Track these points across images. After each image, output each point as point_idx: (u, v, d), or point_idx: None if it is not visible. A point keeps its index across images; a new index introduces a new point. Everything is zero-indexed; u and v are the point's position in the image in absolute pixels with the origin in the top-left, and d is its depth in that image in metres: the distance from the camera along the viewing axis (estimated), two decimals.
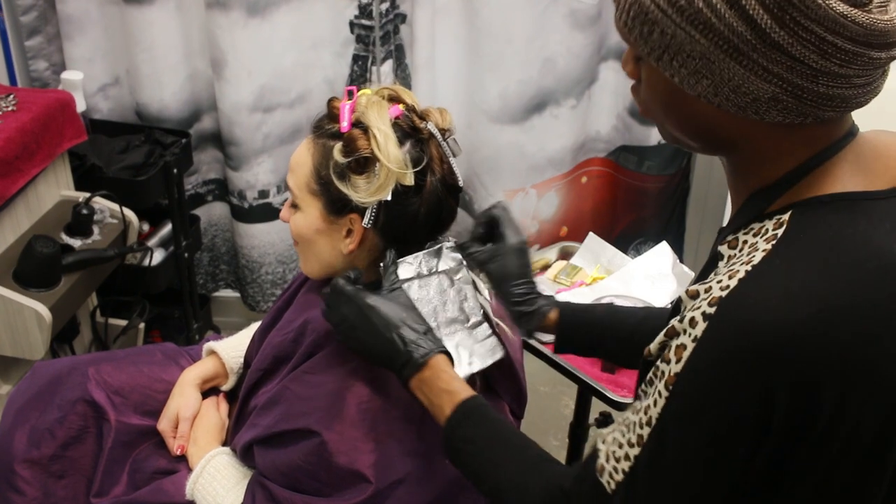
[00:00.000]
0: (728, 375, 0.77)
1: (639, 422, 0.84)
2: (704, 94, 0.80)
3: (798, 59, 0.76)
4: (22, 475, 1.35)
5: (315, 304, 1.27)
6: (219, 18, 2.20)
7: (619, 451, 0.86)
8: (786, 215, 0.82)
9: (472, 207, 2.51)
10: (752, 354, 0.76)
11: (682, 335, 0.80)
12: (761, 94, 0.78)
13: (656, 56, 0.81)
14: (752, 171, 0.86)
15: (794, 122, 0.80)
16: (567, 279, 1.87)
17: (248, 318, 2.48)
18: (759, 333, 0.75)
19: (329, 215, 1.19)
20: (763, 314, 0.76)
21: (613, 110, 2.44)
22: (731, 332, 0.77)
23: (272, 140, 2.38)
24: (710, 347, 0.78)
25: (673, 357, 0.81)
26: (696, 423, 0.80)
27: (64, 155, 2.03)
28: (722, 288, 0.79)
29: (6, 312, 1.75)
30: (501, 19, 2.22)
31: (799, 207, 0.82)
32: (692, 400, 0.79)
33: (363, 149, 1.13)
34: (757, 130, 0.83)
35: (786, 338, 0.75)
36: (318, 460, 1.15)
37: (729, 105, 0.80)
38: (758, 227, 0.84)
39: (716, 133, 0.85)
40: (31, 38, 2.27)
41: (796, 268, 0.78)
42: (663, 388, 0.81)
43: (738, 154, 0.87)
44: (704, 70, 0.79)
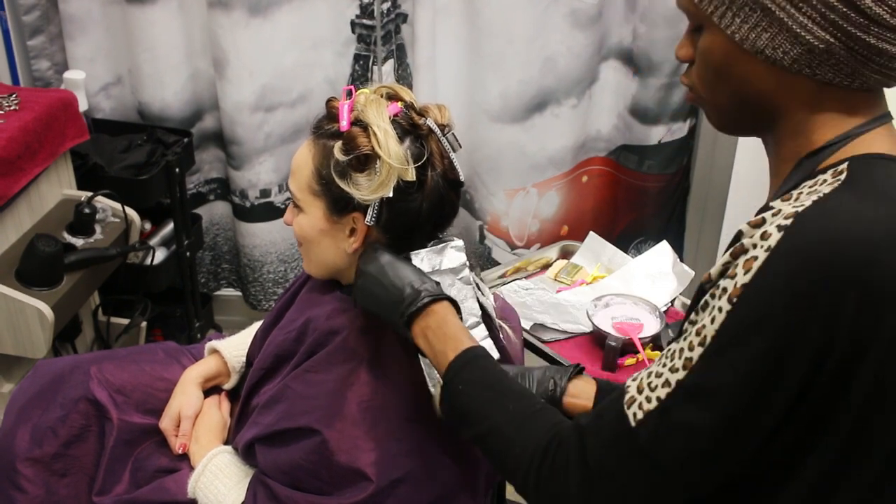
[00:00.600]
0: (801, 284, 0.77)
1: (688, 345, 0.82)
2: (763, 47, 0.84)
3: (853, 3, 0.79)
4: (24, 473, 1.36)
5: (317, 303, 1.28)
6: (220, 18, 2.20)
7: (657, 379, 0.83)
8: (843, 165, 0.84)
9: (472, 206, 2.51)
10: (829, 264, 0.76)
11: (753, 249, 0.80)
12: (817, 44, 0.81)
13: (720, 14, 0.85)
14: (798, 137, 0.88)
15: (842, 82, 0.84)
16: (567, 278, 1.87)
17: (250, 317, 2.49)
18: (840, 242, 0.77)
19: (332, 215, 1.20)
20: (846, 224, 0.77)
21: (614, 110, 2.44)
22: (811, 239, 0.78)
23: (274, 139, 2.39)
24: (786, 254, 0.78)
25: (741, 270, 0.80)
26: (759, 333, 0.78)
27: (66, 154, 2.04)
28: (795, 207, 0.80)
29: (8, 311, 1.75)
30: (502, 19, 2.22)
31: (855, 160, 0.84)
32: (759, 308, 0.78)
33: (363, 146, 1.13)
34: (807, 94, 0.86)
35: (866, 253, 0.77)
36: (320, 459, 1.15)
37: (785, 59, 0.83)
38: (813, 182, 0.85)
39: (767, 99, 0.87)
40: (34, 37, 2.27)
41: (867, 198, 0.80)
42: (725, 302, 0.80)
43: (786, 122, 0.89)
44: (765, 22, 0.83)
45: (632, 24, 2.32)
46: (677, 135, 2.45)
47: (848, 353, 0.78)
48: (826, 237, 0.77)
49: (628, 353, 1.61)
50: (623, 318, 1.67)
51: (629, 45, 2.35)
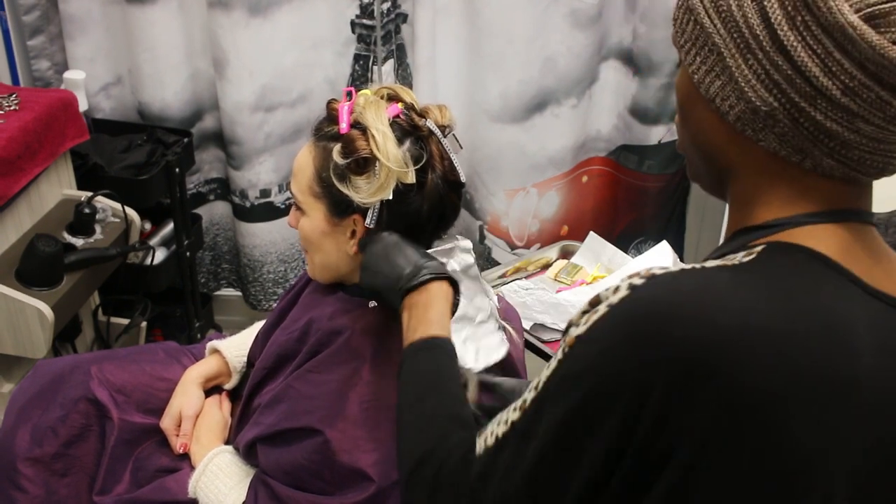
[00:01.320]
0: (623, 350, 0.72)
1: (529, 388, 0.81)
2: (714, 96, 0.78)
3: (800, 68, 0.72)
4: (25, 473, 1.36)
5: (320, 303, 1.28)
6: (220, 18, 2.20)
7: (503, 415, 0.83)
8: (758, 248, 0.77)
9: (473, 206, 2.51)
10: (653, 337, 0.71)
11: (603, 302, 0.76)
12: (760, 105, 0.74)
13: (686, 49, 0.80)
14: (744, 207, 0.82)
15: (790, 157, 0.76)
16: (568, 278, 1.87)
17: (250, 317, 2.49)
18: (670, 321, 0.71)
19: (333, 217, 1.20)
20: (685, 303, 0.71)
21: (614, 110, 2.44)
22: (648, 308, 0.72)
23: (274, 139, 2.39)
24: (620, 314, 0.74)
25: (583, 321, 0.77)
26: (577, 387, 0.75)
27: (66, 154, 2.04)
28: (661, 269, 0.75)
29: (8, 311, 1.75)
30: (502, 19, 2.22)
31: (775, 246, 0.77)
32: (581, 362, 0.75)
33: (362, 149, 1.13)
34: (756, 161, 0.79)
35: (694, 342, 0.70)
36: (322, 459, 1.15)
37: (731, 114, 0.77)
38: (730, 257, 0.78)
39: (718, 154, 0.82)
40: (34, 37, 2.27)
41: (742, 288, 0.73)
42: (560, 351, 0.78)
43: (735, 187, 0.83)
44: (718, 67, 0.76)
45: (632, 24, 2.32)
46: (677, 135, 2.45)
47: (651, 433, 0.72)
48: (661, 310, 0.71)
49: None
50: None
51: (629, 45, 2.35)
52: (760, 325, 0.71)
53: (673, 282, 0.74)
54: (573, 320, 0.80)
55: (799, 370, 0.71)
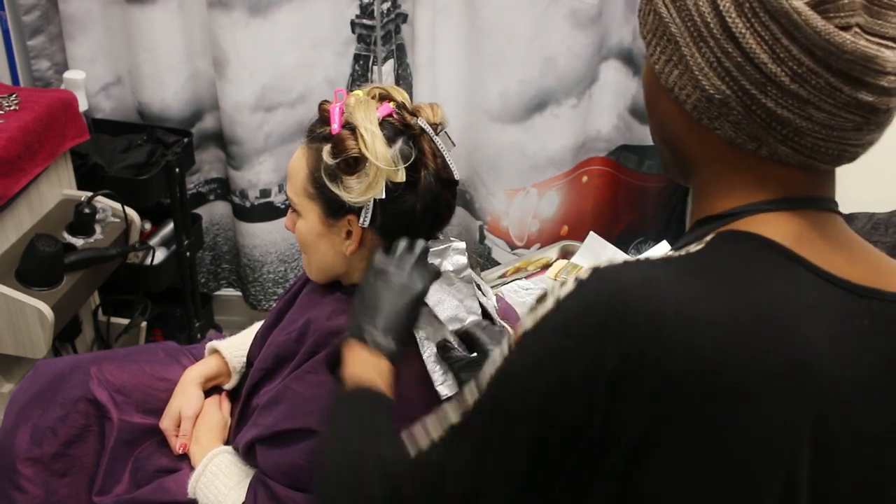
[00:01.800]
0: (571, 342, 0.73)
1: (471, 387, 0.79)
2: (672, 85, 0.78)
3: (749, 55, 0.72)
4: (24, 473, 1.36)
5: (318, 304, 1.28)
6: (220, 18, 2.20)
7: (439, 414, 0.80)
8: (708, 237, 0.77)
9: (473, 206, 2.51)
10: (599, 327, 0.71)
11: (549, 297, 0.76)
12: (714, 93, 0.75)
13: (648, 40, 0.80)
14: (704, 198, 0.82)
15: (746, 145, 0.77)
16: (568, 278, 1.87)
17: (250, 317, 2.49)
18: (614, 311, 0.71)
19: (327, 218, 1.20)
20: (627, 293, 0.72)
21: (614, 110, 2.44)
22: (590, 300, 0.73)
23: (274, 139, 2.39)
24: (567, 308, 0.74)
25: (529, 318, 0.76)
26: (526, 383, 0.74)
27: (66, 154, 2.04)
28: (607, 262, 0.76)
29: (8, 311, 1.75)
30: (502, 19, 2.22)
31: (725, 235, 0.77)
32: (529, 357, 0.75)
33: (351, 149, 1.13)
34: (713, 150, 0.79)
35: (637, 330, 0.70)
36: None
37: (688, 103, 0.77)
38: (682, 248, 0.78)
39: (679, 144, 0.82)
40: (34, 37, 2.27)
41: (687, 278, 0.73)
42: (506, 347, 0.77)
43: (696, 178, 0.83)
44: (675, 57, 0.77)
45: (632, 24, 2.32)
46: None
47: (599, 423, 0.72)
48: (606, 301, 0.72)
49: None
50: None
51: (629, 45, 2.35)
52: (699, 316, 0.71)
53: (616, 275, 0.74)
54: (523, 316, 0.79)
55: (739, 358, 0.71)
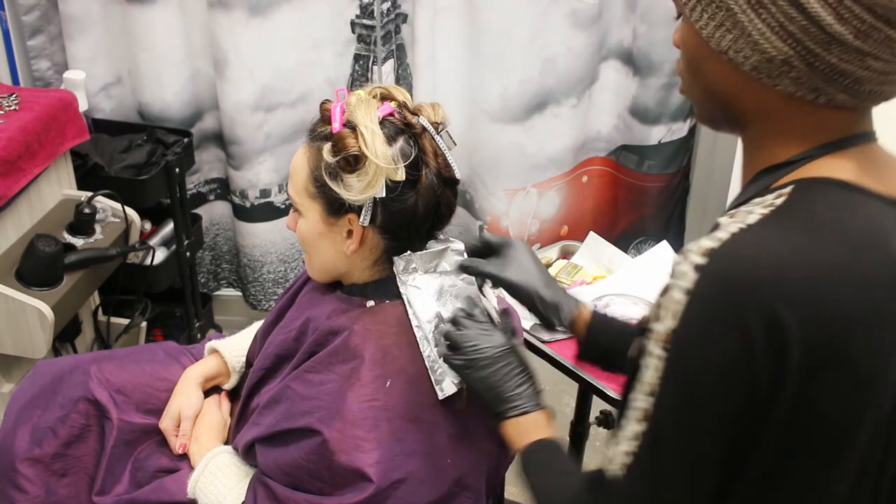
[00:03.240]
0: (718, 327, 0.77)
1: (641, 394, 0.83)
2: (727, 48, 0.81)
3: (813, 17, 0.76)
4: (24, 473, 1.36)
5: (318, 303, 1.28)
6: (220, 18, 2.21)
7: (625, 431, 0.85)
8: (787, 188, 0.82)
9: (473, 206, 2.51)
10: (737, 308, 0.76)
11: (674, 290, 0.80)
12: (776, 54, 0.79)
13: (691, 6, 0.83)
14: (762, 148, 0.87)
15: (805, 96, 0.81)
16: (568, 278, 1.87)
17: (250, 317, 2.49)
18: (746, 288, 0.76)
19: (328, 217, 1.20)
20: (753, 269, 0.76)
21: (614, 110, 2.44)
22: (720, 284, 0.77)
23: (274, 139, 2.39)
24: (702, 299, 0.78)
25: (667, 314, 0.80)
26: (695, 378, 0.79)
27: (66, 154, 2.04)
28: (712, 240, 0.79)
29: (8, 311, 1.75)
30: (502, 19, 2.22)
31: (802, 183, 0.82)
32: (689, 357, 0.79)
33: (351, 147, 1.14)
34: (771, 103, 0.84)
35: (771, 296, 0.75)
36: (320, 459, 1.15)
37: (746, 64, 0.81)
38: (759, 201, 0.83)
39: (734, 101, 0.86)
40: (34, 37, 2.27)
41: (790, 233, 0.78)
42: (659, 349, 0.81)
43: (752, 130, 0.87)
44: (728, 23, 0.80)
45: (632, 24, 2.32)
46: (677, 135, 2.45)
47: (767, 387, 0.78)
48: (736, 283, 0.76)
49: None
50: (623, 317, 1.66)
51: (629, 45, 2.35)
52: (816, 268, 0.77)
53: (733, 252, 0.78)
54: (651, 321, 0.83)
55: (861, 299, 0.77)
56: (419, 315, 1.20)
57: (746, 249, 0.78)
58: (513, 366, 1.14)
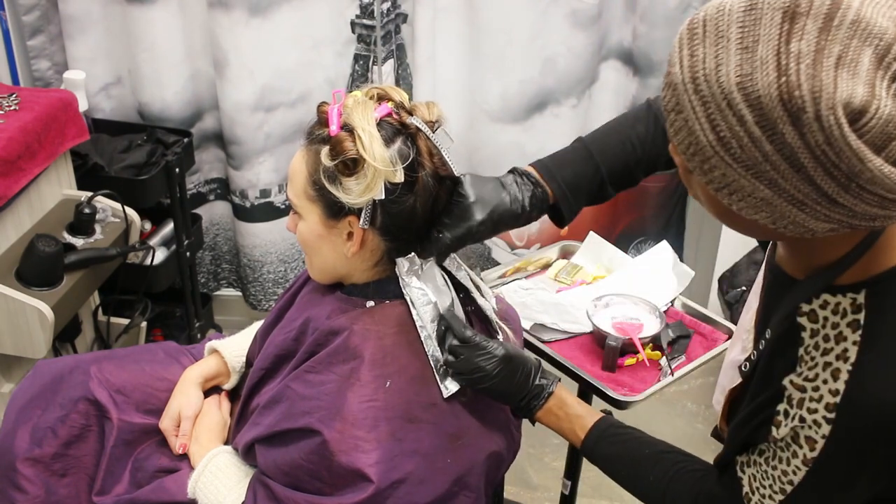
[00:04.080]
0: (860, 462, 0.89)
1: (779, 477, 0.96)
2: (763, 220, 0.84)
3: (860, 213, 0.80)
4: (24, 473, 1.36)
5: (318, 303, 1.28)
6: (220, 18, 2.21)
7: (764, 489, 0.98)
8: (860, 296, 0.88)
9: None
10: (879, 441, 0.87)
11: (808, 429, 0.91)
12: (820, 228, 0.82)
13: (714, 188, 0.84)
14: (812, 254, 0.92)
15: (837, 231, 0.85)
16: (568, 278, 1.87)
17: (250, 317, 2.49)
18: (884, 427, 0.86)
19: (328, 219, 1.20)
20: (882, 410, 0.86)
21: (614, 110, 2.44)
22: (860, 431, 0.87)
23: (274, 139, 2.39)
24: (843, 445, 0.89)
25: (805, 445, 0.92)
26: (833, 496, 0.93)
27: (66, 154, 2.04)
28: (832, 392, 0.88)
29: (8, 311, 1.75)
30: (502, 19, 2.22)
31: (871, 287, 0.88)
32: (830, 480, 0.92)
33: (349, 150, 1.13)
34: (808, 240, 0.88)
35: None
36: (320, 459, 1.15)
37: (785, 231, 0.84)
38: (833, 303, 0.90)
39: (772, 237, 0.94)
40: (34, 37, 2.27)
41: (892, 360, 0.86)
42: (800, 464, 0.93)
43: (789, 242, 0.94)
44: (764, 208, 0.82)
45: (632, 24, 2.32)
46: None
47: None
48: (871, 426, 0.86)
49: (628, 353, 1.61)
50: (623, 318, 1.67)
51: (629, 45, 2.35)
52: None
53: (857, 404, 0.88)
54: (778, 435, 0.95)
55: None
56: (423, 315, 1.21)
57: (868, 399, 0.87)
58: (517, 369, 1.23)
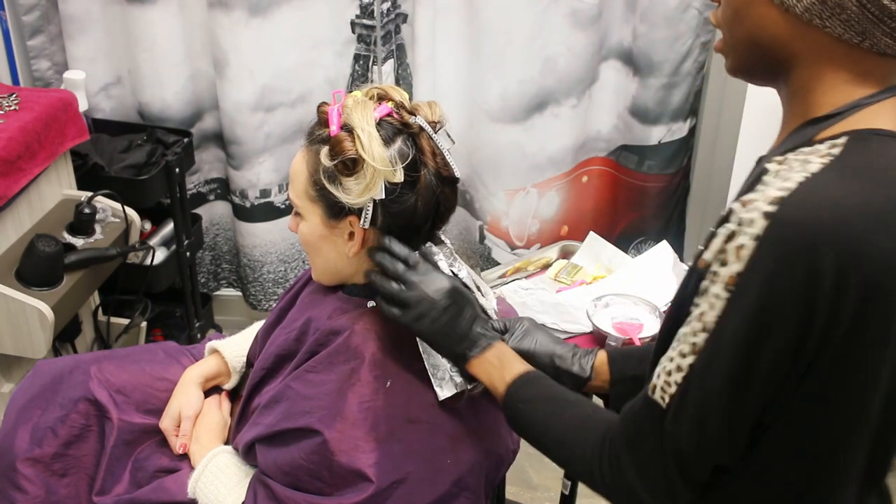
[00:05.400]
0: (787, 274, 0.81)
1: (691, 330, 0.87)
2: None
3: None
4: (24, 473, 1.36)
5: (319, 303, 1.28)
6: (220, 18, 2.21)
7: (671, 363, 0.89)
8: (841, 139, 0.85)
9: (473, 207, 2.51)
10: (810, 253, 0.80)
11: (741, 235, 0.83)
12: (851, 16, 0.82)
13: None
14: (806, 98, 0.90)
15: (852, 39, 0.84)
16: (568, 278, 1.87)
17: (250, 317, 2.49)
18: (822, 231, 0.79)
19: (329, 220, 1.20)
20: (822, 216, 0.80)
21: (614, 110, 2.44)
22: (793, 229, 0.80)
23: (274, 139, 2.39)
24: (772, 245, 0.81)
25: (732, 258, 0.83)
26: (754, 320, 0.83)
27: (66, 154, 2.04)
28: (780, 189, 0.82)
29: (8, 311, 1.75)
30: (502, 19, 2.22)
31: (855, 135, 0.85)
32: (752, 297, 0.82)
33: (348, 150, 1.13)
34: (818, 47, 0.87)
35: (847, 239, 0.79)
36: (320, 459, 1.15)
37: (798, 6, 0.84)
38: (809, 150, 0.86)
39: (780, 46, 0.89)
40: (34, 37, 2.27)
41: (852, 182, 0.82)
42: (722, 290, 0.84)
43: (795, 78, 0.90)
44: None
45: (632, 24, 2.32)
46: (677, 135, 2.45)
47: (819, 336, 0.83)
48: (807, 228, 0.80)
49: None
50: (623, 318, 1.67)
51: (629, 45, 2.35)
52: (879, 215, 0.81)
53: (801, 202, 0.81)
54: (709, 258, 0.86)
55: None
56: None
57: (815, 198, 0.81)
58: (464, 310, 1.17)
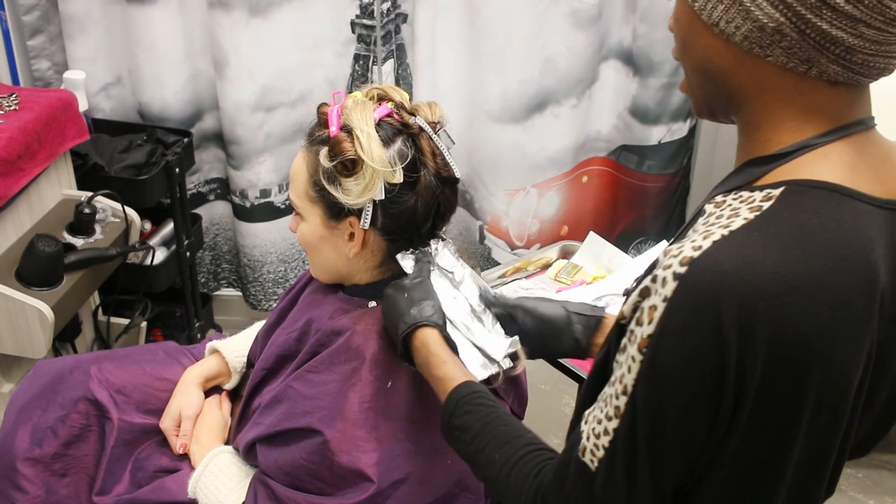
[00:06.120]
0: (694, 338, 0.77)
1: (614, 393, 0.83)
2: (718, 20, 0.81)
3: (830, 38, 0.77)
4: (24, 473, 1.36)
5: (320, 303, 1.28)
6: (220, 18, 2.21)
7: (599, 426, 0.85)
8: (777, 191, 0.80)
9: (473, 207, 2.51)
10: (713, 321, 0.76)
11: (654, 295, 0.79)
12: (767, 21, 0.78)
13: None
14: (755, 133, 0.86)
15: (797, 68, 0.80)
16: (568, 278, 1.87)
17: (250, 317, 2.49)
18: (724, 301, 0.75)
19: (329, 220, 1.20)
20: (732, 283, 0.75)
21: (614, 110, 2.44)
22: (698, 295, 0.76)
23: (274, 139, 2.39)
24: (679, 308, 0.77)
25: (646, 318, 0.80)
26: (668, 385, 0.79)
27: (66, 154, 2.04)
28: (694, 248, 0.78)
29: (8, 311, 1.75)
30: (502, 19, 2.22)
31: (791, 186, 0.81)
32: (664, 361, 0.79)
33: (347, 151, 1.13)
34: (764, 78, 0.83)
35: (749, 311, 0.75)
36: (321, 459, 1.15)
37: (737, 35, 0.81)
38: (746, 196, 0.82)
39: (727, 78, 0.85)
40: (34, 37, 2.27)
41: (772, 245, 0.77)
42: (636, 352, 0.81)
43: (746, 111, 0.86)
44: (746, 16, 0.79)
45: (632, 24, 2.32)
46: (677, 135, 2.45)
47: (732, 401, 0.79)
48: (712, 287, 0.76)
49: None
50: None
51: (629, 45, 2.35)
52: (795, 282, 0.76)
53: (714, 264, 0.77)
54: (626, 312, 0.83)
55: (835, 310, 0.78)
56: None
57: (728, 262, 0.76)
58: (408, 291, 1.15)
